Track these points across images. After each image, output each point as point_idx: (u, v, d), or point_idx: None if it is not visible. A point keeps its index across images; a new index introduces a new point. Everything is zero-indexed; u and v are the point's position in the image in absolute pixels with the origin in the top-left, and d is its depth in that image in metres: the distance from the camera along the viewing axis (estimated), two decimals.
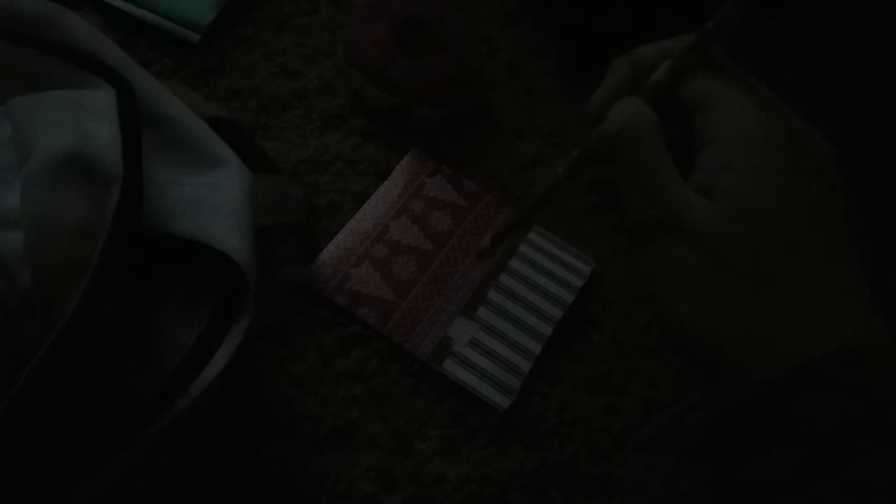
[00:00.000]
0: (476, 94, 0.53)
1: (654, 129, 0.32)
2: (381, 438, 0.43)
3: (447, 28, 0.50)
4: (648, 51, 0.34)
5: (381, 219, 0.48)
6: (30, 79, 0.34)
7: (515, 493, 0.42)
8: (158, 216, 0.33)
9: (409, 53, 0.49)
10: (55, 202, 0.30)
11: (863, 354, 0.29)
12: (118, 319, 0.30)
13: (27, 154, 0.31)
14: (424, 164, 0.50)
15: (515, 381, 0.44)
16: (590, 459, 0.44)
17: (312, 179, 0.49)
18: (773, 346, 0.30)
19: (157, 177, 0.34)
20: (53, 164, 0.30)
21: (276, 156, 0.49)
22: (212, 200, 0.35)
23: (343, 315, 0.45)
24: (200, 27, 0.51)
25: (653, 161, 0.32)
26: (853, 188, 0.32)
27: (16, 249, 0.30)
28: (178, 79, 0.50)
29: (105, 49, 0.36)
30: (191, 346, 0.33)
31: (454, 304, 0.46)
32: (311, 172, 0.49)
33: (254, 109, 0.50)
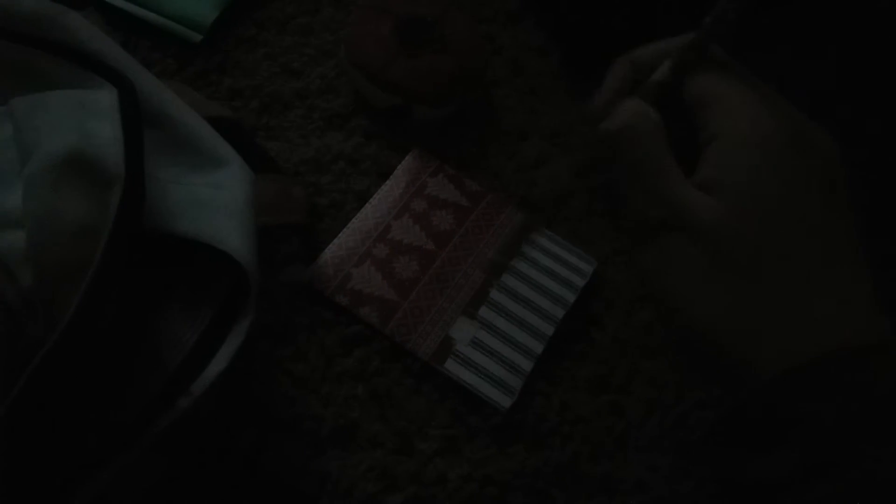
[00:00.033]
0: (478, 94, 0.53)
1: (656, 128, 0.32)
2: (383, 438, 0.43)
3: (449, 27, 0.50)
4: (648, 51, 0.34)
5: (383, 218, 0.48)
6: (32, 79, 0.34)
7: (517, 493, 0.42)
8: (160, 216, 0.33)
9: (412, 53, 0.49)
10: (57, 202, 0.30)
11: (865, 354, 0.29)
12: (120, 319, 0.30)
13: (29, 154, 0.31)
14: (426, 164, 0.50)
15: (517, 381, 0.44)
16: (591, 459, 0.44)
17: (314, 179, 0.49)
18: (775, 345, 0.30)
19: (159, 176, 0.34)
20: (55, 164, 0.30)
21: (278, 155, 0.49)
22: (214, 200, 0.35)
23: (345, 315, 0.45)
24: (202, 27, 0.51)
25: (654, 159, 0.32)
26: (856, 186, 0.32)
27: (18, 249, 0.30)
28: (181, 79, 0.50)
29: (107, 49, 0.36)
30: (192, 346, 0.33)
31: (456, 304, 0.46)
32: (313, 172, 0.49)
33: (256, 109, 0.50)
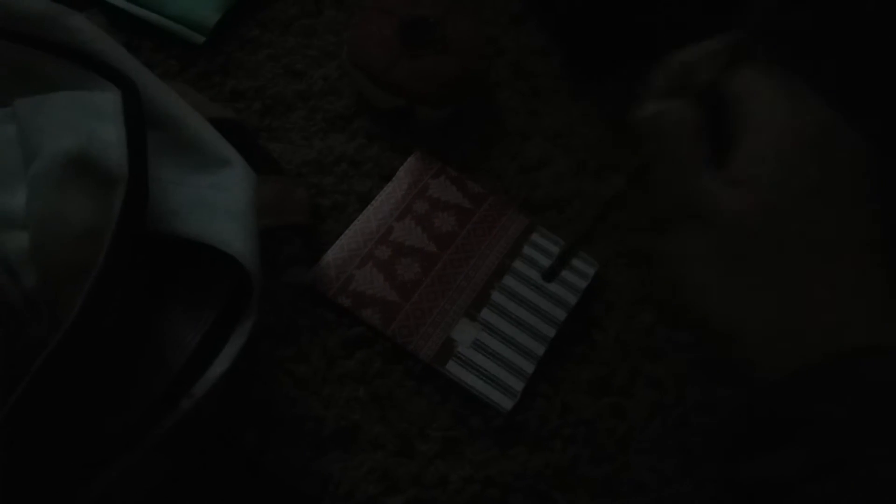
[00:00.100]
0: (481, 95, 0.53)
1: (691, 120, 0.32)
2: (384, 440, 0.43)
3: (452, 29, 0.50)
4: (694, 51, 0.34)
5: (385, 220, 0.48)
6: (35, 80, 0.34)
7: (518, 495, 0.42)
8: (163, 217, 0.34)
9: (414, 54, 0.49)
10: (61, 203, 0.30)
11: (878, 354, 0.29)
12: (123, 320, 0.30)
13: (33, 155, 0.31)
14: (428, 166, 0.50)
15: (518, 383, 0.44)
16: (593, 461, 0.44)
17: (317, 180, 0.49)
18: (786, 341, 0.30)
19: (162, 178, 0.35)
20: (59, 165, 0.30)
21: (281, 157, 0.49)
22: (216, 201, 0.35)
23: (347, 316, 0.45)
24: (205, 28, 0.51)
25: (685, 149, 0.32)
26: (886, 189, 0.32)
27: (21, 250, 0.30)
28: (183, 80, 0.50)
29: (110, 50, 0.36)
30: (195, 347, 0.34)
31: (458, 306, 0.46)
32: (316, 174, 0.49)
33: (258, 111, 0.50)
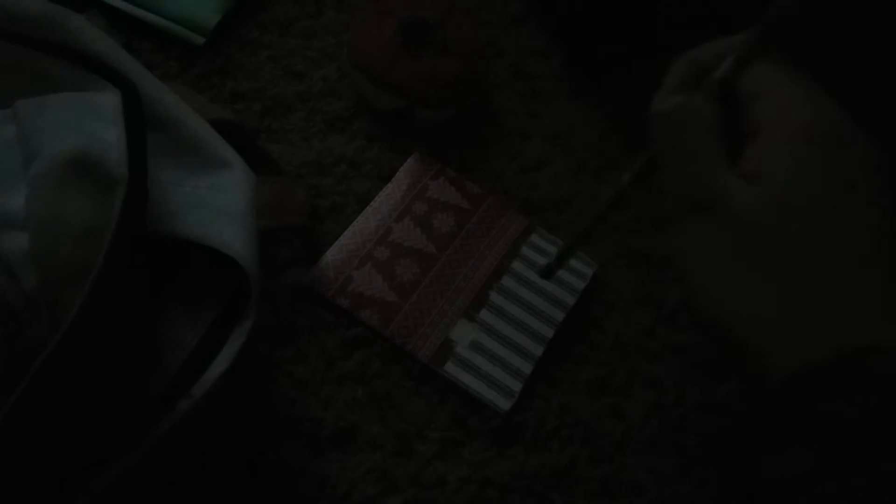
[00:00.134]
0: (480, 96, 0.54)
1: (708, 115, 0.32)
2: (382, 440, 0.43)
3: (452, 30, 0.50)
4: (709, 48, 0.35)
5: (384, 221, 0.48)
6: (35, 81, 0.34)
7: (516, 496, 0.42)
8: (163, 218, 0.34)
9: (414, 55, 0.49)
10: (61, 204, 0.30)
11: (884, 353, 0.29)
12: (122, 321, 0.31)
13: (33, 156, 0.31)
14: (428, 167, 0.50)
15: (517, 384, 0.44)
16: (590, 462, 0.44)
17: (316, 182, 0.49)
18: (794, 338, 0.30)
19: (162, 179, 0.35)
20: (59, 166, 0.30)
21: (280, 158, 0.49)
22: (216, 203, 0.35)
23: (345, 317, 0.45)
24: (205, 30, 0.51)
25: (700, 144, 0.32)
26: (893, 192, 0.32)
27: (21, 251, 0.30)
28: (183, 81, 0.50)
29: (110, 51, 0.36)
30: (194, 348, 0.34)
31: (456, 307, 0.46)
32: (315, 175, 0.49)
33: (258, 112, 0.51)
